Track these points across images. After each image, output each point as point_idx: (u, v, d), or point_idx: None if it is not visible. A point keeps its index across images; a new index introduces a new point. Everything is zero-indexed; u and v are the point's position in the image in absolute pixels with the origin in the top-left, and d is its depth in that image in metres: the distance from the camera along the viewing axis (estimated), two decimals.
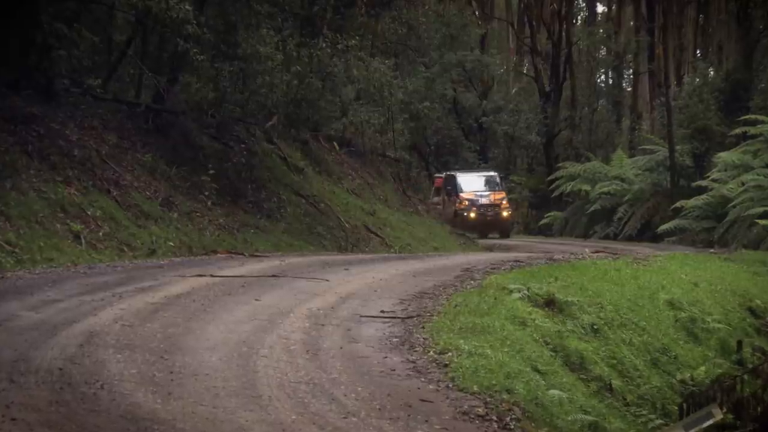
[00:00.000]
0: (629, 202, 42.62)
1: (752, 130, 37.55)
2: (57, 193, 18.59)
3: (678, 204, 37.87)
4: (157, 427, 7.17)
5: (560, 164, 48.23)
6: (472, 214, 40.16)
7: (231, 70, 23.96)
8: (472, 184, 41.37)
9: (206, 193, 23.20)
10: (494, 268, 17.01)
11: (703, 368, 14.81)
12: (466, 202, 40.44)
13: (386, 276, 15.37)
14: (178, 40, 22.72)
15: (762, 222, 32.00)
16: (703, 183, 37.84)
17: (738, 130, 38.58)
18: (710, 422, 12.05)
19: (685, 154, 42.07)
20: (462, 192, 41.00)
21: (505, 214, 40.88)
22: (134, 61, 24.62)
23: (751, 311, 18.80)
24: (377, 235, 28.71)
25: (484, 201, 40.53)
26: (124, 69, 25.27)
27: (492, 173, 42.88)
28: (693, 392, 13.94)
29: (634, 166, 44.87)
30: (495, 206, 40.39)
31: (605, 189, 43.63)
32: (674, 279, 18.84)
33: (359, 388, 8.57)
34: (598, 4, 65.83)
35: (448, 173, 43.39)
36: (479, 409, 8.41)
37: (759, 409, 13.24)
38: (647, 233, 40.40)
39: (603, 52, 60.07)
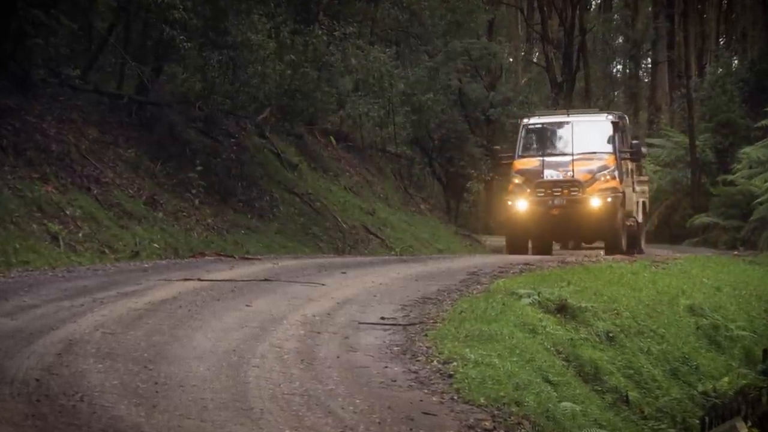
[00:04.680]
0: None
1: None
2: (33, 191, 18.59)
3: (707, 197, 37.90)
4: None
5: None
6: (529, 207, 24.17)
7: (220, 59, 23.95)
8: (549, 140, 25.60)
9: (193, 191, 23.20)
10: (502, 272, 17.02)
11: (726, 379, 14.81)
12: (520, 183, 24.57)
13: (386, 280, 15.38)
14: (164, 27, 22.71)
15: None
16: (724, 186, 37.86)
17: (764, 123, 38.60)
18: None
19: (707, 148, 42.10)
20: (522, 160, 25.02)
21: (597, 203, 23.91)
22: (116, 50, 24.61)
23: None
24: (377, 236, 28.74)
25: (557, 176, 24.29)
26: (105, 58, 25.26)
27: (600, 117, 26.32)
28: (715, 405, 13.96)
29: (653, 162, 44.89)
30: (577, 187, 24.04)
31: None
32: (695, 283, 18.86)
33: (357, 400, 8.57)
34: None
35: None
36: (486, 423, 8.42)
37: None
38: (666, 233, 40.45)
39: (619, 39, 60.14)
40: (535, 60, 60.87)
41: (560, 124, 25.89)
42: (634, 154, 25.67)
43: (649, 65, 62.16)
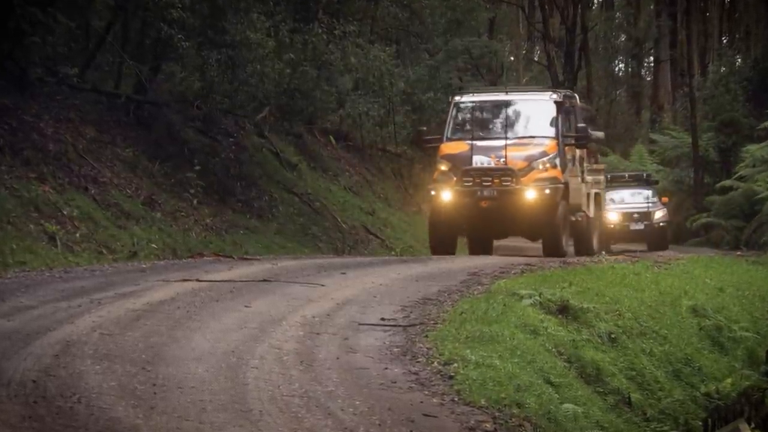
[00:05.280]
0: None
1: None
2: (30, 191, 18.60)
3: (706, 200, 37.93)
4: None
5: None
6: (454, 198, 21.42)
7: (219, 58, 23.97)
8: (482, 122, 22.67)
9: (192, 191, 23.21)
10: (503, 273, 17.02)
11: (729, 380, 14.82)
12: (447, 170, 21.67)
13: (386, 281, 15.38)
14: (162, 26, 22.74)
15: None
16: (728, 181, 37.87)
17: (767, 124, 38.61)
18: None
19: (710, 148, 42.10)
20: (451, 144, 22.14)
21: (533, 196, 21.16)
22: (114, 49, 24.62)
23: None
24: (377, 236, 28.76)
25: (487, 163, 21.42)
26: (103, 57, 25.27)
27: (541, 96, 22.96)
28: (718, 406, 13.96)
29: (655, 161, 44.91)
30: (510, 176, 21.17)
31: None
32: (698, 284, 18.86)
33: (357, 402, 8.58)
34: None
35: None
36: (487, 425, 8.42)
37: None
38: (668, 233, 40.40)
39: (621, 38, 60.14)
40: (536, 59, 60.85)
41: (496, 104, 22.51)
42: (580, 139, 22.41)
43: (652, 64, 62.17)
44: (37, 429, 7.32)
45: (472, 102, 22.75)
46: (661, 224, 32.71)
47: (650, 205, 32.67)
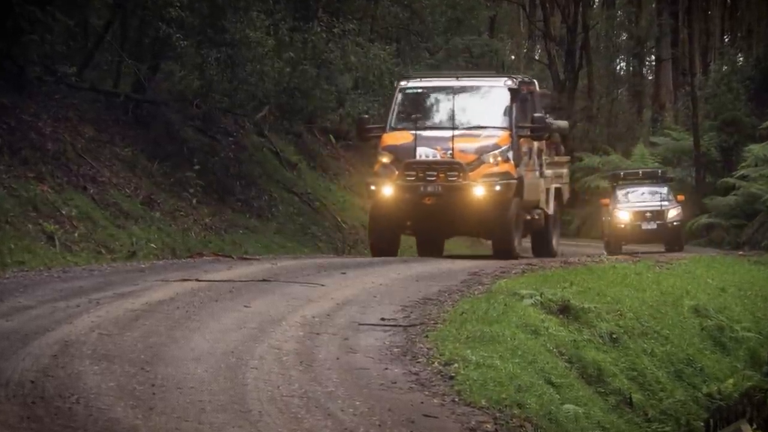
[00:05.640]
0: None
1: None
2: (29, 191, 18.60)
3: (707, 201, 37.92)
4: None
5: (579, 154, 48.27)
6: (396, 194, 19.81)
7: (218, 56, 23.98)
8: (429, 110, 21.03)
9: (191, 191, 23.22)
10: (504, 272, 17.02)
11: (731, 381, 14.83)
12: (388, 163, 20.06)
13: (386, 280, 15.38)
14: (161, 24, 22.74)
15: None
16: (731, 179, 37.86)
17: None
18: None
19: (711, 147, 42.10)
20: (394, 134, 20.52)
21: (481, 192, 19.53)
22: (113, 47, 24.63)
23: None
24: None
25: (432, 156, 19.83)
26: (101, 56, 25.27)
27: (494, 82, 21.22)
28: (720, 407, 13.98)
29: (656, 160, 44.90)
30: (456, 171, 19.58)
31: None
32: (700, 284, 18.88)
33: (357, 402, 8.58)
34: None
35: None
36: (488, 425, 8.42)
37: None
38: None
39: (622, 36, 60.10)
40: (537, 57, 60.85)
41: (444, 90, 20.61)
42: (537, 129, 20.41)
43: (653, 63, 62.11)
44: (36, 430, 7.32)
45: (419, 88, 20.83)
46: (674, 223, 30.86)
47: (664, 203, 31.02)
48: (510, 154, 19.83)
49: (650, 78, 62.96)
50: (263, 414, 8.09)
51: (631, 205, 31.32)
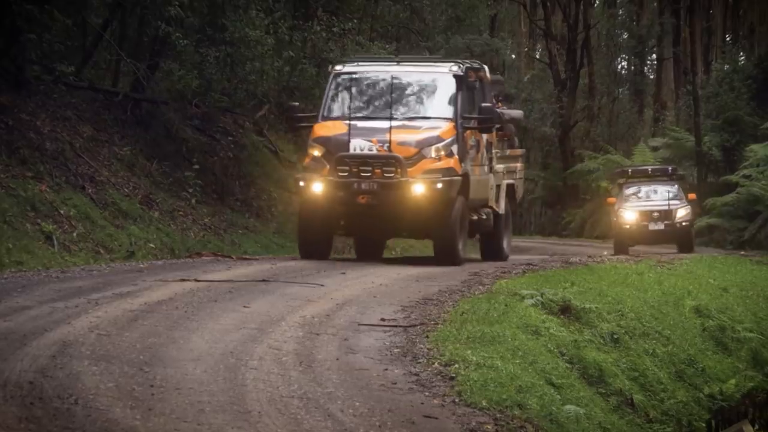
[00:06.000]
0: None
1: None
2: (27, 190, 18.60)
3: (708, 202, 37.90)
4: None
5: (581, 151, 48.30)
6: (327, 191, 17.99)
7: (217, 55, 23.98)
8: (365, 97, 19.09)
9: (190, 191, 23.21)
10: (505, 272, 17.03)
11: (733, 381, 14.84)
12: (319, 156, 18.20)
13: (386, 281, 15.39)
14: (160, 23, 22.74)
15: None
16: (734, 177, 37.84)
17: None
18: None
19: (713, 147, 42.11)
20: (326, 124, 18.80)
21: (421, 191, 17.77)
22: (111, 46, 24.63)
23: None
24: None
25: (368, 149, 17.98)
26: (100, 54, 25.29)
27: (439, 68, 19.22)
28: (722, 408, 13.99)
29: (658, 160, 44.92)
30: (394, 166, 17.75)
31: None
32: (701, 284, 18.89)
33: (357, 403, 8.58)
34: None
35: None
36: (488, 426, 8.43)
37: None
38: None
39: (624, 35, 60.12)
40: (538, 56, 60.88)
41: (383, 76, 18.77)
42: (486, 121, 18.52)
43: (655, 62, 62.14)
44: (34, 431, 7.32)
45: (355, 73, 18.85)
46: (683, 224, 29.38)
47: (672, 202, 29.53)
48: (454, 148, 17.94)
49: (651, 77, 63.00)
50: (262, 415, 8.09)
51: (638, 204, 29.94)
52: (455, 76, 18.62)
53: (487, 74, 20.19)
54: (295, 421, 8.01)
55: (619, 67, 64.94)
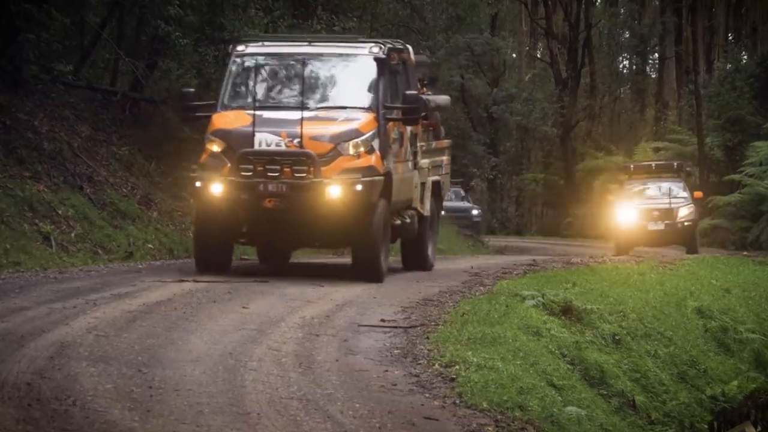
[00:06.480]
0: None
1: None
2: (25, 191, 18.59)
3: (710, 201, 37.88)
4: None
5: (582, 151, 48.37)
6: (227, 193, 15.53)
7: (216, 54, 23.96)
8: (271, 84, 16.79)
9: (189, 191, 23.17)
10: (506, 273, 17.04)
11: (735, 383, 14.84)
12: (219, 152, 15.82)
13: (386, 281, 15.39)
14: (158, 22, 22.73)
15: None
16: (737, 176, 37.81)
17: None
18: None
19: (715, 146, 42.12)
20: (226, 115, 16.56)
21: (337, 193, 15.32)
22: (110, 45, 24.62)
23: None
24: None
25: (275, 144, 15.53)
26: (98, 54, 25.27)
27: (356, 50, 16.85)
28: (724, 409, 13.99)
29: (660, 158, 44.93)
30: (306, 164, 15.32)
31: None
32: (704, 284, 18.87)
33: (357, 405, 8.58)
34: None
35: None
36: (489, 428, 8.43)
37: None
38: None
39: (625, 34, 60.15)
40: (539, 55, 60.90)
41: (292, 59, 16.35)
42: (412, 111, 16.07)
43: (657, 61, 62.15)
44: None
45: (259, 55, 16.53)
46: (686, 224, 27.75)
47: (675, 200, 27.84)
48: (375, 143, 15.47)
49: (653, 76, 63.03)
50: (262, 416, 8.09)
51: (637, 203, 28.36)
52: (376, 59, 16.15)
53: (412, 55, 17.81)
54: (294, 423, 8.02)
55: (621, 66, 64.98)
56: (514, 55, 57.38)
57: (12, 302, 12.08)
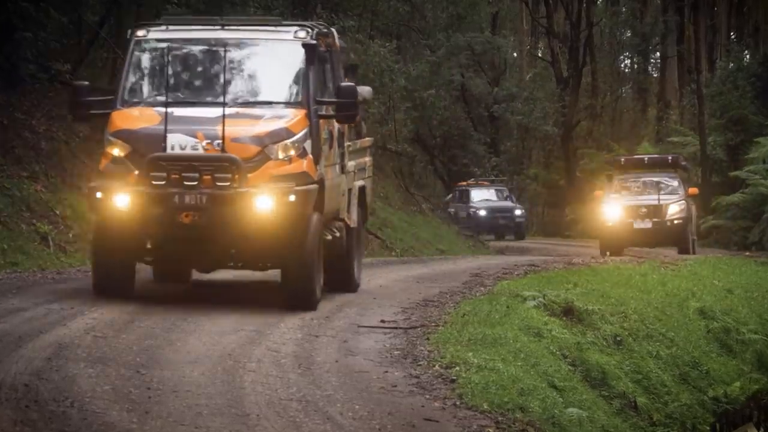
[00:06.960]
0: None
1: None
2: (22, 190, 18.59)
3: (713, 202, 37.85)
4: None
5: (583, 150, 48.35)
6: (136, 205, 12.79)
7: None
8: (183, 75, 14.22)
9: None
10: (506, 273, 17.03)
11: (737, 384, 14.83)
12: (122, 156, 13.09)
13: (386, 282, 15.39)
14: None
15: None
16: (742, 173, 37.74)
17: None
18: None
19: (718, 146, 42.10)
20: (129, 112, 13.70)
21: (268, 206, 12.66)
22: (108, 44, 24.62)
23: None
24: (376, 236, 28.72)
25: (191, 147, 12.83)
26: (96, 53, 25.26)
27: (281, 35, 14.09)
28: (727, 410, 13.99)
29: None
30: (230, 171, 12.64)
31: None
32: (706, 285, 18.87)
33: (357, 406, 8.58)
34: None
35: None
36: (490, 430, 8.42)
37: None
38: None
39: (627, 33, 60.15)
40: (540, 54, 60.89)
41: (207, 45, 13.95)
42: (347, 107, 13.67)
43: (658, 60, 62.13)
44: None
45: (167, 41, 13.94)
46: (675, 221, 26.03)
47: (664, 197, 26.15)
48: (307, 145, 13.09)
49: (655, 76, 63.02)
50: (261, 418, 8.09)
51: (624, 199, 26.63)
52: (304, 45, 13.63)
53: (337, 41, 15.11)
54: (294, 424, 8.01)
55: (622, 65, 64.98)
56: (515, 54, 57.33)
57: (9, 303, 12.08)
